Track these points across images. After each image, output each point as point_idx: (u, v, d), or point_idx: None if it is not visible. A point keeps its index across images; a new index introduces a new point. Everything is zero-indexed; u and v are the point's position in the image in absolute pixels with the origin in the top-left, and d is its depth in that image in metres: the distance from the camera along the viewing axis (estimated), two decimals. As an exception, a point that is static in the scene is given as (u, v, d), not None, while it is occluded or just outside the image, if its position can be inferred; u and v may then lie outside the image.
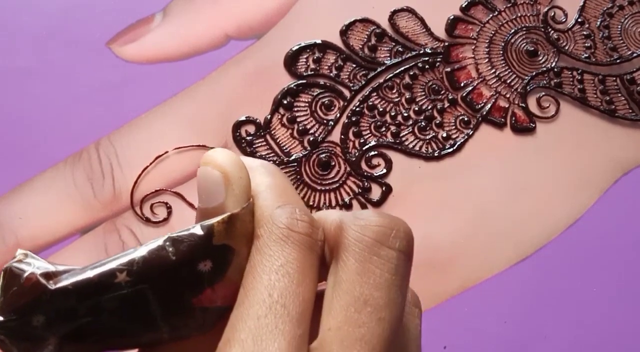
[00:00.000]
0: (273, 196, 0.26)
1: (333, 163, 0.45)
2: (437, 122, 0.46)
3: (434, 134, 0.46)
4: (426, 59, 0.47)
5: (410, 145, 0.46)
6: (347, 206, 0.45)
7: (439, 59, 0.47)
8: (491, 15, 0.48)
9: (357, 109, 0.46)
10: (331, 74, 0.46)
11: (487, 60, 0.47)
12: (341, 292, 0.24)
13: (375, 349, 0.23)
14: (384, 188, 0.45)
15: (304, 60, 0.46)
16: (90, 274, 0.23)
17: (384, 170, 0.45)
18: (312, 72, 0.46)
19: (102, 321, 0.23)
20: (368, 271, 0.24)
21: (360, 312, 0.24)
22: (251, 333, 0.23)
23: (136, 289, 0.24)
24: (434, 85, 0.47)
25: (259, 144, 0.45)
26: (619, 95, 0.47)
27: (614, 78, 0.47)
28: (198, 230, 0.24)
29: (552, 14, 0.48)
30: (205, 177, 0.26)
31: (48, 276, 0.23)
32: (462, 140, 0.46)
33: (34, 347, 0.23)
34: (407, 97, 0.46)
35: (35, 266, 0.24)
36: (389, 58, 0.47)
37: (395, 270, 0.25)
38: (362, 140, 0.46)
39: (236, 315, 0.24)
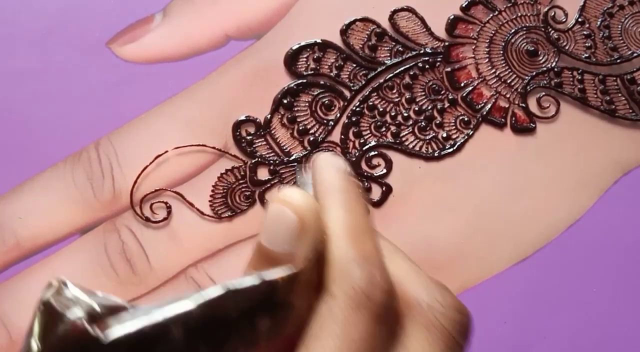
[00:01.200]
0: (349, 243, 0.24)
1: (333, 163, 0.45)
2: (437, 122, 0.46)
3: (434, 134, 0.46)
4: (426, 58, 0.47)
5: (411, 146, 0.46)
6: (347, 206, 0.45)
7: (439, 59, 0.47)
8: (491, 15, 0.48)
9: (357, 109, 0.46)
10: (331, 74, 0.46)
11: (487, 60, 0.47)
12: None
13: None
14: (384, 188, 0.45)
15: (304, 59, 0.46)
16: (143, 324, 0.21)
17: (384, 171, 0.45)
18: (312, 72, 0.46)
19: None
20: None
21: None
22: None
23: (190, 345, 0.22)
24: (434, 85, 0.46)
25: (259, 144, 0.45)
26: (619, 95, 0.47)
27: (614, 78, 0.47)
28: (260, 283, 0.22)
29: (553, 13, 0.48)
30: (278, 218, 0.24)
31: (93, 318, 0.21)
32: (462, 141, 0.46)
33: None
34: (407, 97, 0.46)
35: (77, 302, 0.21)
36: (389, 58, 0.47)
37: None
38: (362, 141, 0.46)
39: None
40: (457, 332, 0.24)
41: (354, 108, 0.46)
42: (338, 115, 0.46)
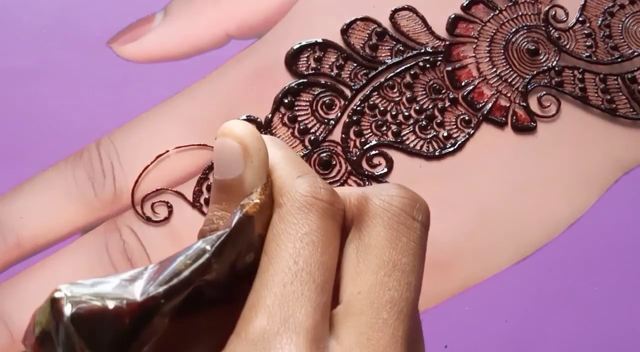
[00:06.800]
0: (291, 167, 0.26)
1: (334, 162, 0.45)
2: (438, 121, 0.46)
3: (434, 133, 0.46)
4: (427, 58, 0.47)
5: (411, 145, 0.46)
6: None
7: (440, 58, 0.47)
8: (492, 14, 0.48)
9: (358, 108, 0.46)
10: (332, 73, 0.46)
11: (488, 59, 0.47)
12: (370, 257, 0.25)
13: (403, 312, 0.24)
14: (384, 187, 0.45)
15: (305, 59, 0.46)
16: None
17: (385, 170, 0.45)
18: (313, 71, 0.46)
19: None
20: (396, 238, 0.25)
21: (390, 276, 0.25)
22: (277, 299, 0.23)
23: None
24: (435, 85, 0.46)
25: (260, 143, 0.45)
26: (620, 94, 0.47)
27: (615, 77, 0.47)
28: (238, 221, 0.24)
29: (553, 12, 0.48)
30: (223, 149, 0.26)
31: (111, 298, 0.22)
32: (463, 140, 0.46)
33: None
34: (408, 96, 0.46)
35: (85, 296, 0.22)
36: (389, 57, 0.47)
37: (419, 240, 0.26)
38: (363, 140, 0.46)
39: (261, 281, 0.24)
40: (410, 208, 0.26)
41: (355, 107, 0.46)
42: (339, 114, 0.46)
